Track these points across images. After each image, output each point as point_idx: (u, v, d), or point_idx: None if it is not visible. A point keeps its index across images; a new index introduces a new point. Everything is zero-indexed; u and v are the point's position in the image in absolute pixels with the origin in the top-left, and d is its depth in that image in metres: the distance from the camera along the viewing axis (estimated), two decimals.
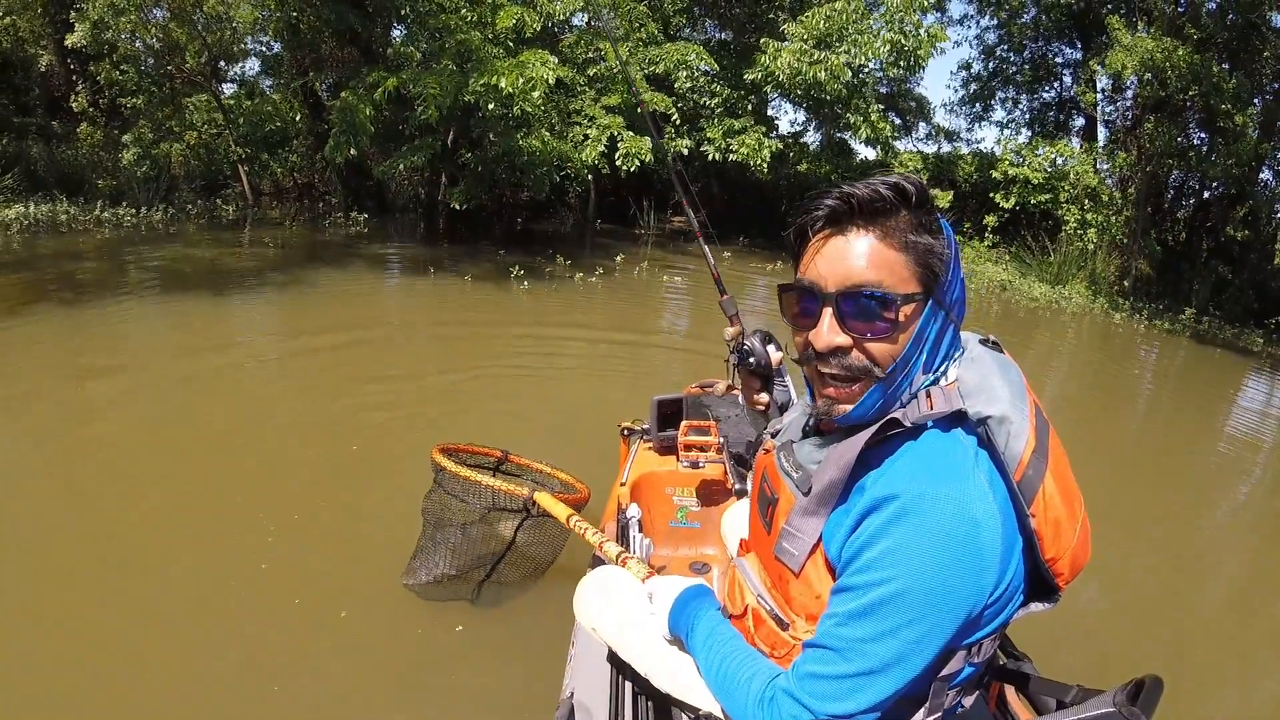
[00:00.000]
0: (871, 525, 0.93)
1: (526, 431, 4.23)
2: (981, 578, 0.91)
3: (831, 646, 0.95)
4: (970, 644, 0.99)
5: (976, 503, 0.91)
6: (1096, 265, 11.35)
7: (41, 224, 10.37)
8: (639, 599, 1.41)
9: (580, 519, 2.04)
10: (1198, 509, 4.56)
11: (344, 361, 5.32)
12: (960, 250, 1.03)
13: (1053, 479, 0.96)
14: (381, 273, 8.83)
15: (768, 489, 1.18)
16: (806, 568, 1.05)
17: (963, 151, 14.62)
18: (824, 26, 10.44)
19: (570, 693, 1.62)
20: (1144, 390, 7.35)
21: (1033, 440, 0.96)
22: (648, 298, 8.48)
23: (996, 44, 15.17)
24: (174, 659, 2.36)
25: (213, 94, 12.85)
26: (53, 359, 5.06)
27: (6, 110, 13.50)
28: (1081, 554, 1.01)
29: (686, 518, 2.61)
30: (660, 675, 1.28)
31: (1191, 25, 10.23)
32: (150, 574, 2.80)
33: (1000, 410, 0.96)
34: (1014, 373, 1.03)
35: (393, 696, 2.29)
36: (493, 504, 2.41)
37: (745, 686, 1.05)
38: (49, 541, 2.99)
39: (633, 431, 2.92)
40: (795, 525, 1.06)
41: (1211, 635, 3.16)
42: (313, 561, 2.89)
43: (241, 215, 12.31)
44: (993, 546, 0.91)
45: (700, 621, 1.20)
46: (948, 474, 0.92)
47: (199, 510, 3.22)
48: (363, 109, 8.97)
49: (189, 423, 4.18)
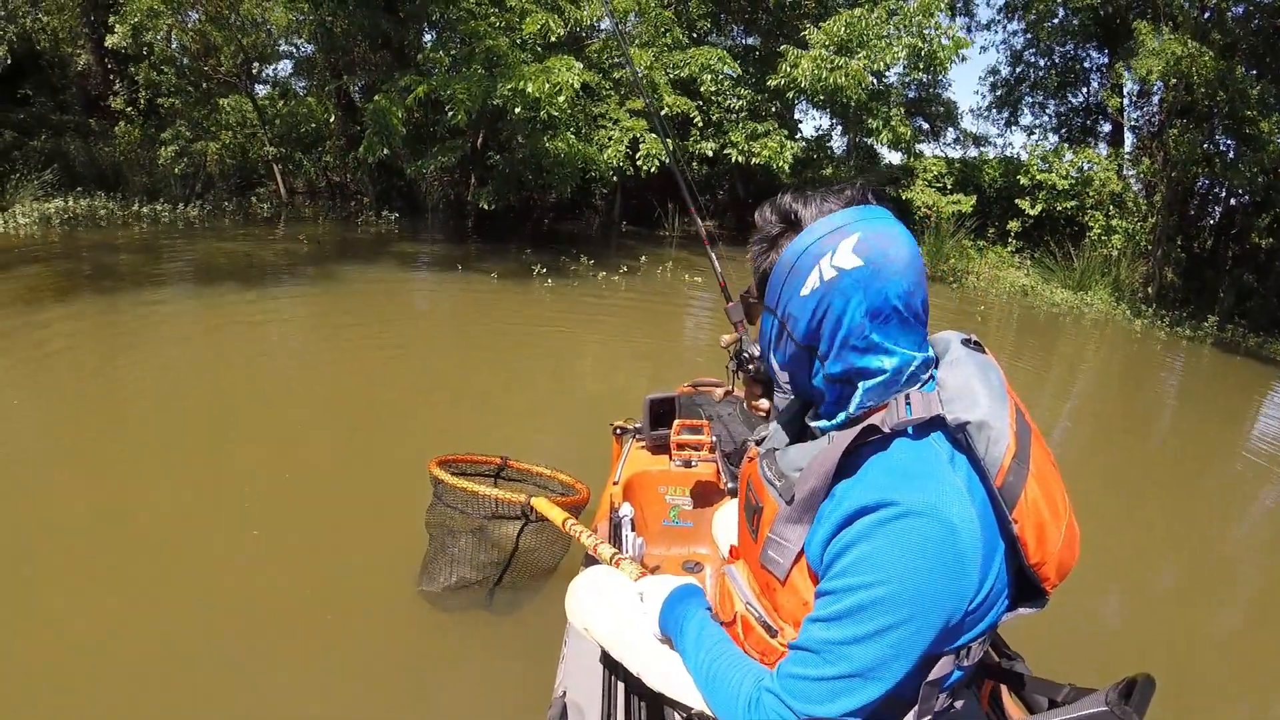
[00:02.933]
0: (849, 533, 0.97)
1: (541, 427, 4.52)
2: (961, 582, 0.95)
3: (812, 649, 1.00)
4: (957, 648, 1.02)
5: (953, 507, 0.94)
6: (1121, 272, 11.62)
7: (81, 218, 11.06)
8: (630, 598, 1.46)
9: (575, 522, 2.14)
10: (1220, 518, 4.65)
11: (373, 352, 5.75)
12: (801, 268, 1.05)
13: (1035, 484, 0.99)
14: (411, 269, 9.41)
15: (753, 497, 1.23)
16: (792, 575, 1.09)
17: (989, 156, 14.94)
18: (844, 33, 10.91)
19: (563, 691, 1.66)
20: (1165, 397, 7.49)
21: (1013, 446, 0.99)
22: (670, 297, 8.94)
23: (1024, 48, 15.52)
24: (175, 641, 2.51)
25: (248, 94, 13.57)
26: (90, 344, 5.49)
27: (44, 108, 14.33)
28: (1068, 558, 1.03)
29: (679, 517, 2.69)
30: (652, 675, 1.33)
31: (1217, 31, 10.53)
32: (162, 558, 2.97)
33: (979, 416, 0.99)
34: (995, 375, 1.06)
35: (390, 695, 2.38)
36: (492, 513, 2.53)
37: (733, 689, 1.10)
38: (66, 517, 3.23)
39: (625, 430, 2.98)
40: (779, 533, 1.10)
41: (1228, 644, 3.26)
42: (317, 560, 3.01)
43: (275, 212, 13.00)
44: (971, 551, 0.94)
45: (689, 622, 1.25)
46: (922, 479, 0.96)
47: (213, 497, 3.43)
48: (395, 112, 9.56)
49: (215, 410, 4.52)
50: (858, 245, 1.00)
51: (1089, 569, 3.29)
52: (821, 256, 1.02)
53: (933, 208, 12.69)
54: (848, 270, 1.00)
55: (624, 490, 2.64)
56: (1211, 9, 10.75)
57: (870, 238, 1.00)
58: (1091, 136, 15.14)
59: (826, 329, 1.03)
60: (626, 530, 2.22)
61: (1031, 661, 1.41)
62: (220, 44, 12.75)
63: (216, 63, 12.99)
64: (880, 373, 1.04)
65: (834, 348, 1.04)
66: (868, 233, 1.01)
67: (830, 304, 1.01)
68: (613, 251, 11.46)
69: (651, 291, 9.02)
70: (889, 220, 1.03)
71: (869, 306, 1.00)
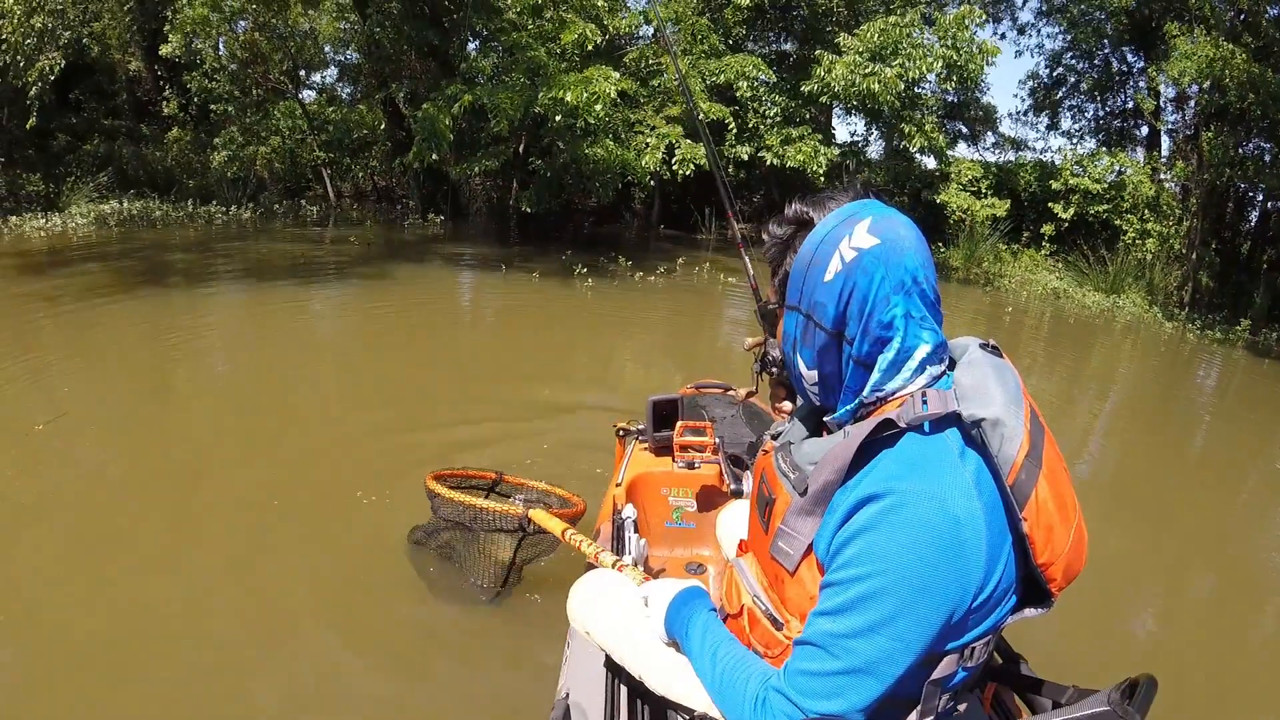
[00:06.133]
0: (854, 523, 1.01)
1: (573, 423, 4.75)
2: (964, 574, 0.97)
3: (818, 643, 1.03)
4: (961, 646, 1.04)
5: (957, 500, 0.97)
6: (1155, 276, 11.95)
7: (136, 218, 12.03)
8: (633, 601, 1.48)
9: (575, 532, 2.19)
10: (1245, 526, 4.70)
11: (420, 344, 6.42)
12: (821, 257, 1.11)
13: (1046, 484, 1.01)
14: (457, 269, 10.27)
15: (765, 489, 1.26)
16: (801, 568, 1.12)
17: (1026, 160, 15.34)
18: (878, 40, 11.56)
19: (565, 693, 1.68)
20: (1197, 402, 7.69)
21: (1026, 444, 1.01)
22: (706, 297, 9.62)
23: (1062, 50, 15.93)
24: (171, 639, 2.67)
25: (297, 101, 14.60)
26: (147, 335, 6.15)
27: (95, 113, 15.39)
28: (1075, 561, 1.06)
29: (682, 518, 2.75)
30: (655, 677, 1.36)
31: (1249, 34, 10.85)
32: (202, 540, 3.22)
33: (994, 413, 1.01)
34: (1010, 377, 1.08)
35: (391, 696, 2.46)
36: (489, 525, 2.58)
37: (740, 689, 1.13)
38: (114, 497, 3.57)
39: (628, 432, 3.02)
40: (791, 525, 1.13)
41: (1238, 650, 3.33)
42: (319, 560, 3.13)
43: (324, 215, 14.00)
44: (975, 544, 0.97)
45: (695, 623, 1.28)
46: (928, 471, 0.99)
47: (253, 484, 3.69)
48: (442, 119, 10.40)
49: (263, 400, 4.96)
50: (871, 226, 1.07)
51: (1103, 573, 3.58)
52: (839, 241, 1.08)
53: (967, 211, 13.19)
54: (867, 249, 1.05)
55: (627, 492, 2.68)
56: (1245, 12, 11.11)
57: (881, 220, 1.08)
58: (1129, 140, 15.51)
59: (854, 309, 1.07)
60: (629, 532, 2.25)
61: (1036, 665, 1.44)
62: (268, 52, 13.74)
63: (265, 70, 13.98)
64: (905, 351, 1.08)
65: (862, 327, 1.07)
66: (878, 217, 1.08)
67: (855, 283, 1.06)
68: (651, 253, 12.16)
69: (690, 290, 9.70)
70: (893, 209, 1.11)
71: (893, 280, 1.05)
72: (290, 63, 14.24)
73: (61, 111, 14.49)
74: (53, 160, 13.93)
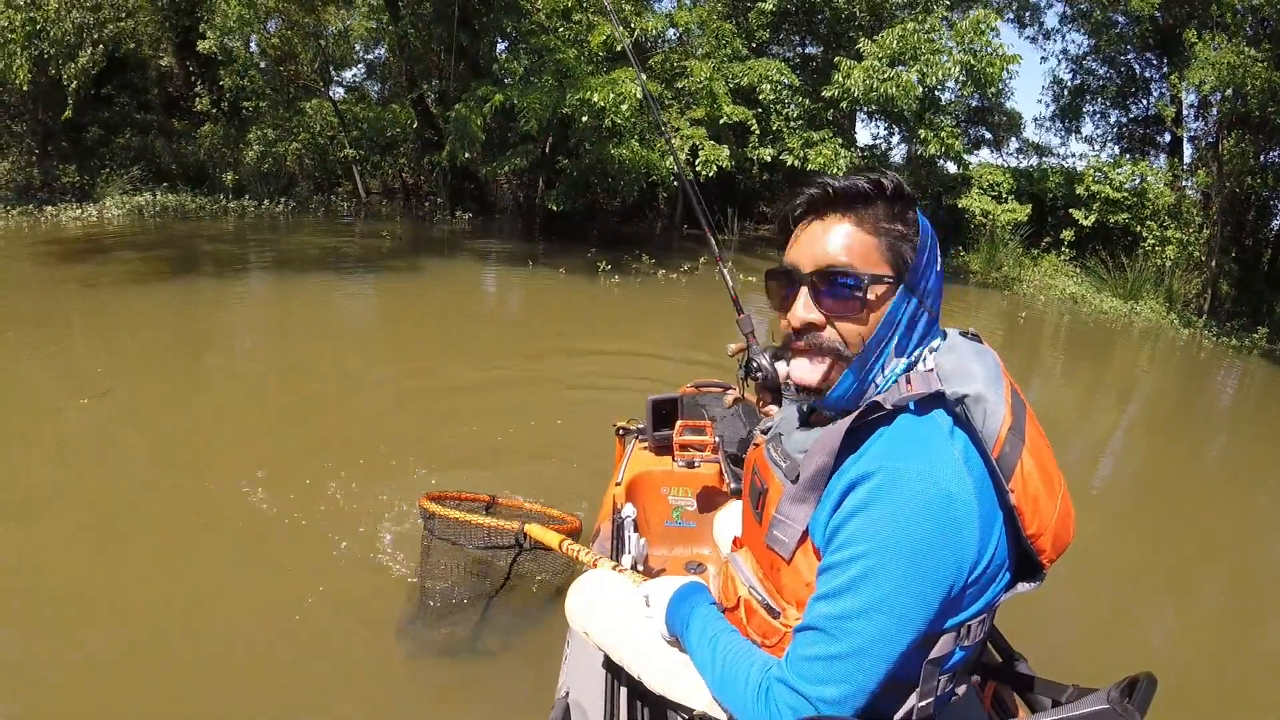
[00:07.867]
0: (848, 504, 1.04)
1: (589, 415, 4.79)
2: (959, 550, 1.00)
3: (819, 627, 1.04)
4: (958, 624, 1.06)
5: (949, 476, 1.00)
6: (1174, 283, 12.13)
7: (170, 210, 12.59)
8: (632, 601, 1.50)
9: (572, 542, 2.22)
10: (1257, 533, 4.75)
11: (446, 336, 6.75)
12: (937, 244, 1.16)
13: (1030, 456, 1.05)
14: (484, 264, 10.76)
15: (758, 481, 1.29)
16: (797, 555, 1.14)
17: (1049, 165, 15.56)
18: (897, 45, 11.95)
19: (565, 692, 1.71)
20: (1215, 408, 7.79)
21: (1009, 418, 1.04)
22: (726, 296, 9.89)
23: (1085, 54, 16.19)
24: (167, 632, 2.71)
25: (328, 98, 15.16)
26: (182, 321, 6.47)
27: (127, 108, 15.94)
28: (1064, 533, 1.09)
29: (682, 517, 2.77)
30: (654, 676, 1.39)
31: (1268, 41, 10.95)
32: (216, 530, 3.30)
33: (976, 389, 1.05)
34: (990, 358, 1.12)
35: (392, 696, 2.49)
36: (485, 542, 2.60)
37: (742, 680, 1.14)
38: (136, 482, 3.68)
39: (628, 431, 3.03)
40: (785, 513, 1.15)
41: (1243, 654, 3.37)
42: (321, 559, 3.16)
43: (355, 211, 14.55)
44: (968, 519, 1.00)
45: (695, 617, 1.30)
46: (920, 450, 1.02)
47: (264, 475, 3.74)
48: (474, 120, 10.89)
49: (289, 391, 5.11)
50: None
51: (1111, 575, 3.73)
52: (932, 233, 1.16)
53: (988, 215, 13.47)
54: (930, 232, 1.17)
55: (626, 491, 2.70)
56: (1268, 20, 11.27)
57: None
58: (1151, 147, 15.76)
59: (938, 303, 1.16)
60: (629, 531, 2.27)
61: (1036, 664, 1.46)
62: (299, 50, 14.29)
63: (296, 68, 14.53)
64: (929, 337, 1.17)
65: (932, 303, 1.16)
66: None
67: (938, 272, 1.17)
68: (674, 252, 12.53)
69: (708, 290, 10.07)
70: None
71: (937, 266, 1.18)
72: (321, 59, 14.78)
73: (95, 105, 14.94)
74: (86, 153, 14.52)
